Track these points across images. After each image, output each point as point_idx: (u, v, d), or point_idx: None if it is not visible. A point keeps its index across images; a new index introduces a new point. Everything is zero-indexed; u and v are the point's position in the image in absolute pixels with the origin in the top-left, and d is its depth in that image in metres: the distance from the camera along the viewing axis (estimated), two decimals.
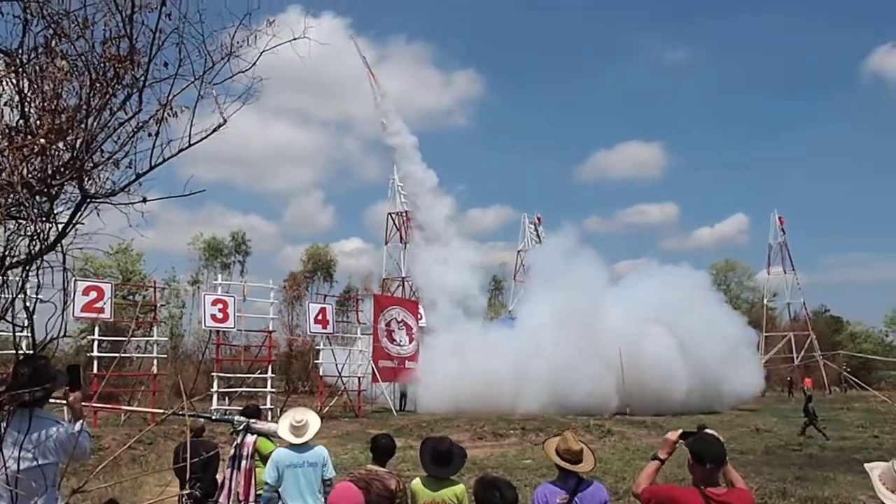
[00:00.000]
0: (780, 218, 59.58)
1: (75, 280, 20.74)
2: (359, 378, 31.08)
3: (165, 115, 3.60)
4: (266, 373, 27.91)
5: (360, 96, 42.85)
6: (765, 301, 62.36)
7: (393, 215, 53.33)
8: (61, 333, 3.27)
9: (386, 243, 54.91)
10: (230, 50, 3.75)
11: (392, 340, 33.07)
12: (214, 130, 3.70)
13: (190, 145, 3.63)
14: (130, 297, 38.46)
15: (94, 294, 23.58)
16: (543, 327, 33.02)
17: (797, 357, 56.99)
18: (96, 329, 25.18)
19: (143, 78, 3.51)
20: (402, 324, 33.75)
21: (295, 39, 4.07)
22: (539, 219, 60.96)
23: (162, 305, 38.17)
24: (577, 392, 29.81)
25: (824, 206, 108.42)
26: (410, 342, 33.90)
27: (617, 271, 42.20)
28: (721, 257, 77.46)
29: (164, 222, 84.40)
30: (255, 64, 3.85)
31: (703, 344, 32.81)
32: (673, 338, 32.29)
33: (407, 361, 33.42)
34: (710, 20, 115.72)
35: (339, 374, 30.40)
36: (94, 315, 23.69)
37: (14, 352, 3.64)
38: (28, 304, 3.23)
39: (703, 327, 33.45)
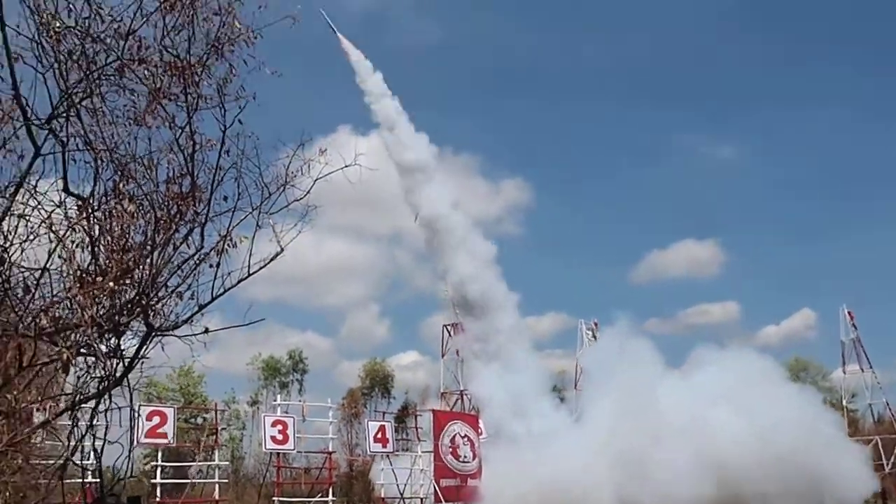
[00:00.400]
0: (849, 313, 56.94)
1: (140, 406, 20.99)
2: (421, 499, 30.11)
3: (225, 246, 3.73)
4: (327, 495, 27.30)
5: (407, 209, 40.99)
6: (844, 403, 58.87)
7: (448, 327, 53.05)
8: (128, 474, 3.28)
9: (443, 356, 54.41)
10: (285, 180, 3.92)
11: (457, 457, 32.07)
12: (272, 259, 3.81)
13: (249, 275, 3.74)
14: (192, 419, 38.68)
15: (157, 419, 23.53)
16: (604, 429, 31.63)
17: (888, 464, 53.14)
18: (159, 454, 25.13)
19: (205, 213, 3.67)
20: (465, 438, 32.87)
21: (346, 167, 4.24)
22: (596, 324, 59.88)
23: (223, 428, 38.24)
24: (650, 497, 28.33)
25: (891, 296, 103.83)
26: (474, 458, 32.89)
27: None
28: (790, 355, 73.99)
29: (224, 344, 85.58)
30: (309, 192, 4.00)
31: (787, 434, 29.83)
32: (750, 430, 29.94)
33: (469, 479, 32.29)
34: (751, 116, 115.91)
35: (402, 495, 29.49)
36: (158, 441, 23.70)
37: (81, 481, 3.65)
38: (96, 446, 3.26)
39: (782, 416, 30.50)
